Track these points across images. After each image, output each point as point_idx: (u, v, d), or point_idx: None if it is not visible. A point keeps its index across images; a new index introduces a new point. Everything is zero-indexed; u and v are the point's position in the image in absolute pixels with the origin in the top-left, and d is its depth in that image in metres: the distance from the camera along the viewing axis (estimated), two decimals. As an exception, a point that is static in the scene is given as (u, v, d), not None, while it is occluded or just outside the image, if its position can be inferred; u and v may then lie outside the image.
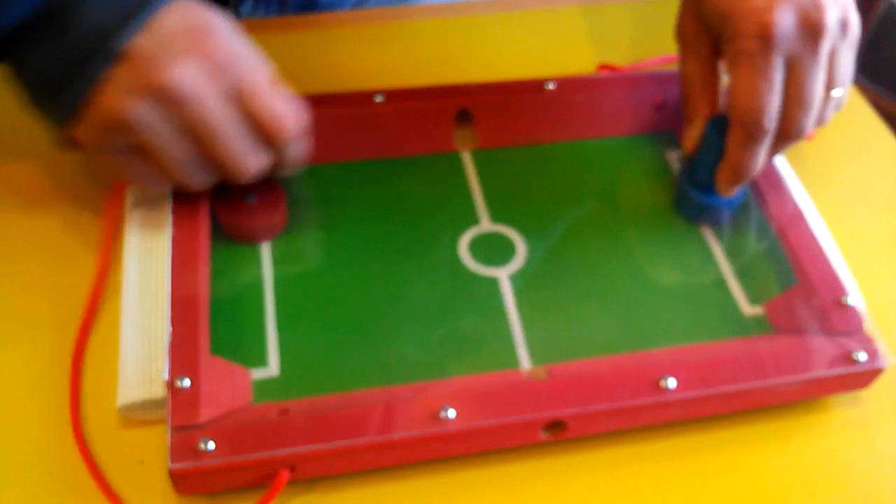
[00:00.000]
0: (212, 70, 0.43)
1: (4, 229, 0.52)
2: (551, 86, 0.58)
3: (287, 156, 0.47)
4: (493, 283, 0.50)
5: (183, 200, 0.49)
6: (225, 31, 0.44)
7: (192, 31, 0.43)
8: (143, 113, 0.43)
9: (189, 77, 0.42)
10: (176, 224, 0.48)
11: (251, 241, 0.50)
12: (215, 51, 0.43)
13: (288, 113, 0.46)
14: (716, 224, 0.54)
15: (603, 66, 0.64)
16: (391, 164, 0.55)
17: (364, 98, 0.56)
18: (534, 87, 0.58)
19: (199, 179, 0.47)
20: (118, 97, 0.42)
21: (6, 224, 0.52)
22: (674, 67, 0.63)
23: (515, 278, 0.50)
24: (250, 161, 0.46)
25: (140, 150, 0.45)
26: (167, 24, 0.43)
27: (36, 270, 0.50)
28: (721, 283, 0.51)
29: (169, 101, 0.43)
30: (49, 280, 0.49)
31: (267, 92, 0.45)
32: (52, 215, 0.52)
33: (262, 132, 0.45)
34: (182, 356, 0.43)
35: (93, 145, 0.45)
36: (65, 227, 0.52)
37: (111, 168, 0.47)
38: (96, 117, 0.43)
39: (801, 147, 0.61)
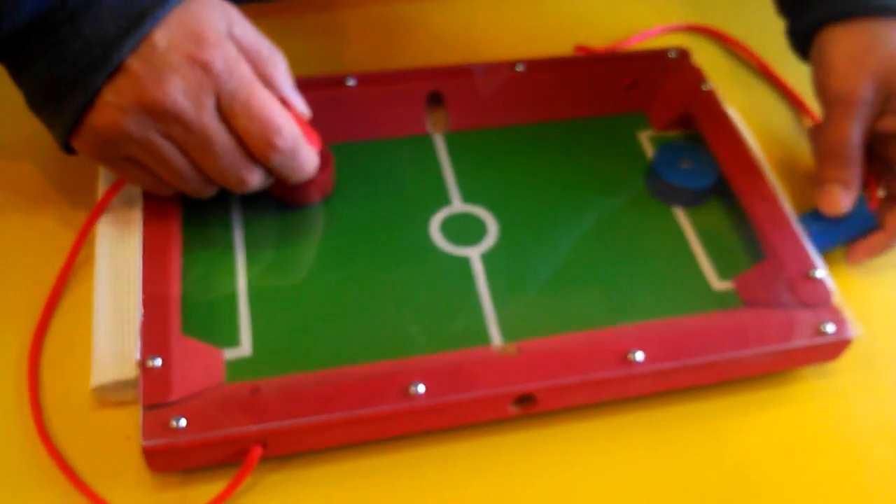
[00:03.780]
0: (202, 85, 0.43)
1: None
2: (521, 67, 0.58)
3: (281, 170, 0.47)
4: (464, 263, 0.50)
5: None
6: (219, 41, 0.43)
7: (185, 45, 0.42)
8: (135, 128, 0.43)
9: (178, 93, 0.42)
10: (148, 207, 0.49)
11: (303, 202, 0.52)
12: (207, 64, 0.43)
13: (276, 128, 0.44)
14: (688, 205, 0.55)
15: (580, 48, 0.65)
16: (363, 146, 0.56)
17: (336, 81, 0.56)
18: (504, 69, 0.58)
19: (199, 189, 0.47)
20: (112, 112, 0.42)
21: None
22: (648, 46, 0.64)
23: (487, 257, 0.51)
24: (245, 175, 0.46)
25: (138, 161, 0.46)
26: (162, 38, 0.42)
27: (9, 259, 0.50)
28: (691, 259, 0.52)
29: (159, 116, 0.43)
30: (21, 267, 0.50)
31: (257, 105, 0.44)
32: (29, 201, 0.53)
33: (251, 148, 0.45)
34: (153, 336, 0.43)
35: (92, 155, 0.45)
36: (44, 214, 0.52)
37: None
38: (93, 130, 0.43)
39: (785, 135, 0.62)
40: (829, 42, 0.54)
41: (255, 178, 0.47)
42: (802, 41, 0.57)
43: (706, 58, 0.62)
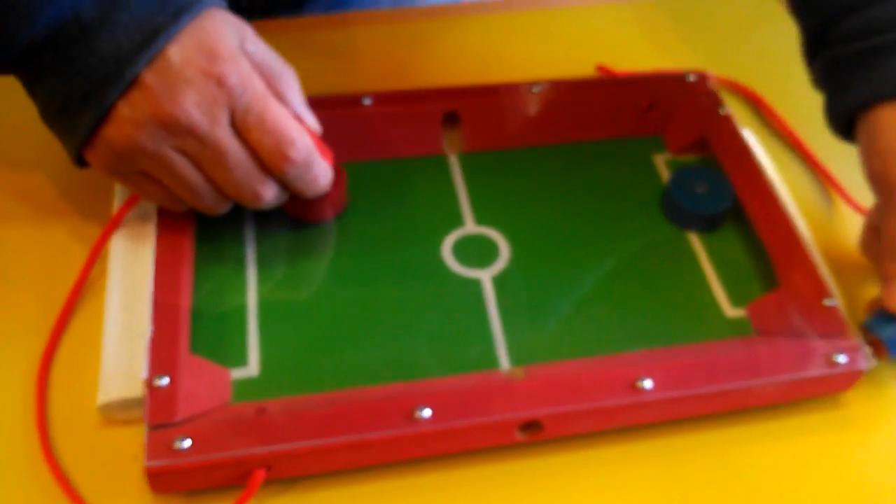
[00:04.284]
0: (216, 99, 0.43)
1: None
2: (537, 88, 0.58)
3: (296, 184, 0.47)
4: (475, 285, 0.50)
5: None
6: (233, 56, 0.44)
7: (199, 60, 0.43)
8: (149, 142, 0.43)
9: (193, 107, 0.42)
10: (161, 223, 0.49)
11: (316, 220, 0.52)
12: (221, 79, 0.43)
13: (290, 140, 0.45)
14: (703, 230, 0.54)
15: (601, 68, 0.65)
16: (378, 165, 0.56)
17: (352, 100, 0.56)
18: (520, 90, 0.58)
19: (213, 205, 0.47)
20: (127, 126, 0.43)
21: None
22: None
23: (498, 280, 0.50)
24: (259, 189, 0.46)
25: (152, 176, 0.46)
26: (176, 54, 0.42)
27: (22, 273, 0.51)
28: (704, 286, 0.51)
29: (173, 130, 0.43)
30: (34, 281, 0.50)
31: (271, 118, 0.44)
32: (45, 215, 0.53)
33: (265, 162, 0.45)
34: (161, 355, 0.43)
35: (105, 169, 0.46)
36: (62, 230, 0.53)
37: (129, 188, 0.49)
38: (107, 144, 0.44)
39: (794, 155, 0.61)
40: (883, 125, 0.48)
41: (269, 193, 0.47)
42: (845, 120, 0.51)
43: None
